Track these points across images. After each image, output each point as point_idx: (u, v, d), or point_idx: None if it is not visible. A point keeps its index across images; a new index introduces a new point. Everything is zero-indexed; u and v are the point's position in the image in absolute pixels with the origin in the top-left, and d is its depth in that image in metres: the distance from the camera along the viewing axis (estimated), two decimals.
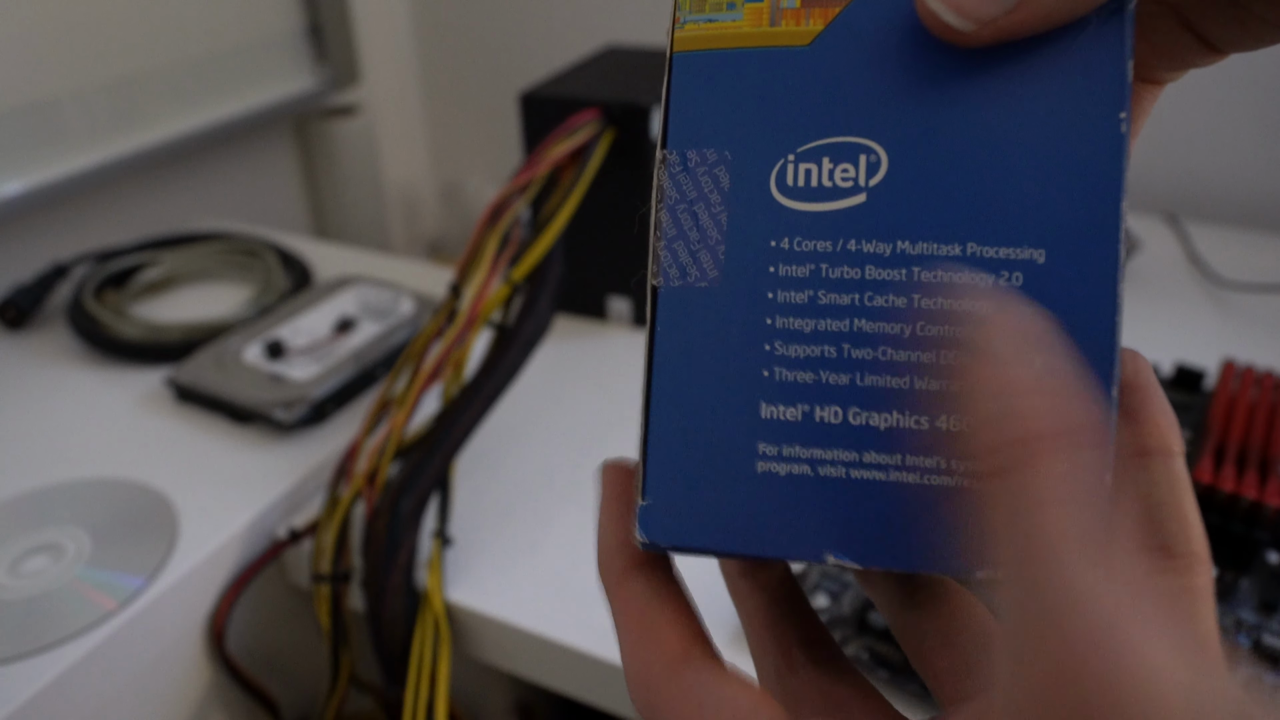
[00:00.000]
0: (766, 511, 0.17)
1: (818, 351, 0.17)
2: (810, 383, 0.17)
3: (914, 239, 0.17)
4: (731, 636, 0.36)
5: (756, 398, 0.17)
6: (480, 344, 0.42)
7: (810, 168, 0.18)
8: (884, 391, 0.17)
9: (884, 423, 0.17)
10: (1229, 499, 0.37)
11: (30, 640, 0.35)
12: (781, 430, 0.17)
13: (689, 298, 0.18)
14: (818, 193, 0.17)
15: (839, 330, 0.17)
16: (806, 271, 0.17)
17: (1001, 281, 0.16)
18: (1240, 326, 0.58)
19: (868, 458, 0.17)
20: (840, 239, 0.17)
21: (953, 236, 0.17)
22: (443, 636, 0.37)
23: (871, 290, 0.17)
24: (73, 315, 0.56)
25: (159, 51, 0.69)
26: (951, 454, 0.17)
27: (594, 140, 0.45)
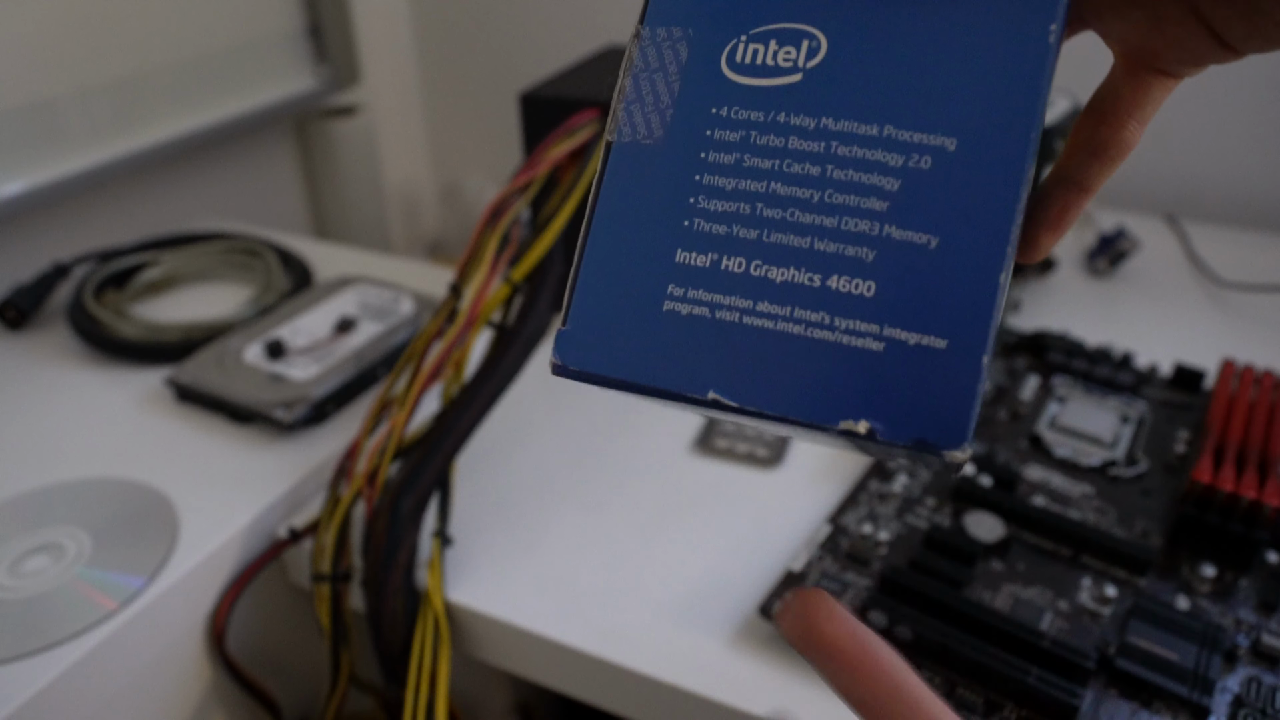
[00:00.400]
0: (666, 348, 0.19)
1: (734, 207, 0.19)
2: (722, 234, 0.19)
3: (836, 117, 0.19)
4: (737, 633, 0.36)
5: (675, 245, 0.19)
6: (480, 344, 0.42)
7: (758, 47, 0.19)
8: (785, 249, 0.18)
9: (780, 276, 0.18)
10: (1228, 499, 0.37)
11: (31, 640, 0.36)
12: (690, 275, 0.19)
13: (636, 153, 0.20)
14: (760, 69, 0.19)
15: (756, 190, 0.19)
16: (737, 137, 0.19)
17: (910, 162, 0.18)
18: (1239, 326, 0.58)
19: (760, 306, 0.18)
20: (772, 111, 0.19)
21: (873, 118, 0.18)
22: (443, 636, 0.37)
23: (791, 159, 0.19)
24: (73, 315, 0.56)
25: (159, 51, 0.69)
26: (836, 311, 0.18)
27: (594, 140, 0.45)
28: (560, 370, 0.19)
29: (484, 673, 0.49)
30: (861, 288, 0.18)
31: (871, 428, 0.17)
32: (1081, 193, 0.22)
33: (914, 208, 0.18)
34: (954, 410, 0.17)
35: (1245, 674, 0.33)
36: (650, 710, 0.36)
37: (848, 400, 0.18)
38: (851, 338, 0.18)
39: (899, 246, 0.18)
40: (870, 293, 0.18)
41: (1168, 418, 0.47)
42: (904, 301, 0.18)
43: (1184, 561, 0.38)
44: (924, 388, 0.17)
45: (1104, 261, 0.64)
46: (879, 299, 0.18)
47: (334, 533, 0.39)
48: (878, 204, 0.18)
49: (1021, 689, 0.31)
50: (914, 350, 0.17)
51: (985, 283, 0.17)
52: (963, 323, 0.17)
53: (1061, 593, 0.37)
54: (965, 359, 0.17)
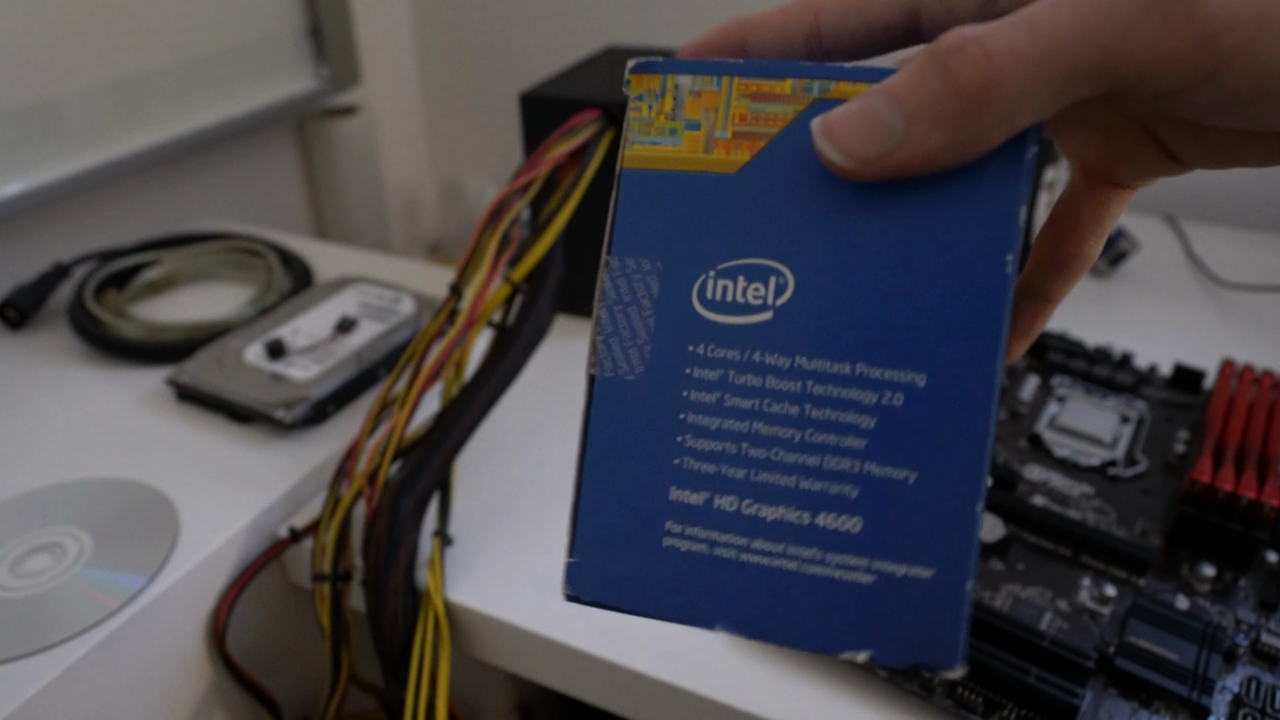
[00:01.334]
0: (669, 582, 0.20)
1: (720, 447, 0.20)
2: (711, 473, 0.20)
3: (810, 355, 0.19)
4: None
5: (668, 482, 0.20)
6: (480, 344, 0.42)
7: (727, 284, 0.20)
8: (773, 488, 0.19)
9: (770, 515, 0.19)
10: (1228, 499, 0.37)
11: (31, 640, 0.36)
12: (686, 512, 0.20)
13: (619, 388, 0.21)
14: (731, 307, 0.20)
15: (739, 430, 0.19)
16: (716, 376, 0.20)
17: (883, 399, 0.19)
18: (1239, 326, 0.58)
19: (755, 544, 0.19)
20: (747, 350, 0.19)
21: (844, 355, 0.19)
22: (443, 636, 0.37)
23: (769, 398, 0.19)
24: (74, 315, 0.56)
25: (160, 52, 0.69)
26: (827, 548, 0.19)
27: (594, 140, 0.45)
28: (573, 600, 0.20)
29: (484, 672, 0.49)
30: (848, 524, 0.19)
31: (870, 656, 0.19)
32: (1046, 303, 0.22)
33: (891, 445, 0.19)
34: (944, 635, 0.18)
35: (1245, 674, 0.33)
36: (650, 710, 0.36)
37: (845, 631, 0.19)
38: (844, 572, 0.19)
39: (880, 483, 0.19)
40: (857, 529, 0.19)
41: (1167, 417, 0.47)
42: (889, 535, 0.19)
43: (1183, 561, 0.38)
44: (914, 616, 0.18)
45: (1103, 262, 0.64)
46: (865, 534, 0.19)
47: (334, 532, 0.39)
48: (856, 442, 0.19)
49: (1021, 689, 0.31)
50: (902, 581, 0.19)
51: (964, 513, 0.18)
52: (945, 552, 0.18)
53: (1061, 592, 0.37)
54: (950, 587, 0.18)
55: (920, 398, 0.19)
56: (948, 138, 0.17)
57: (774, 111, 0.20)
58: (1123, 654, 0.33)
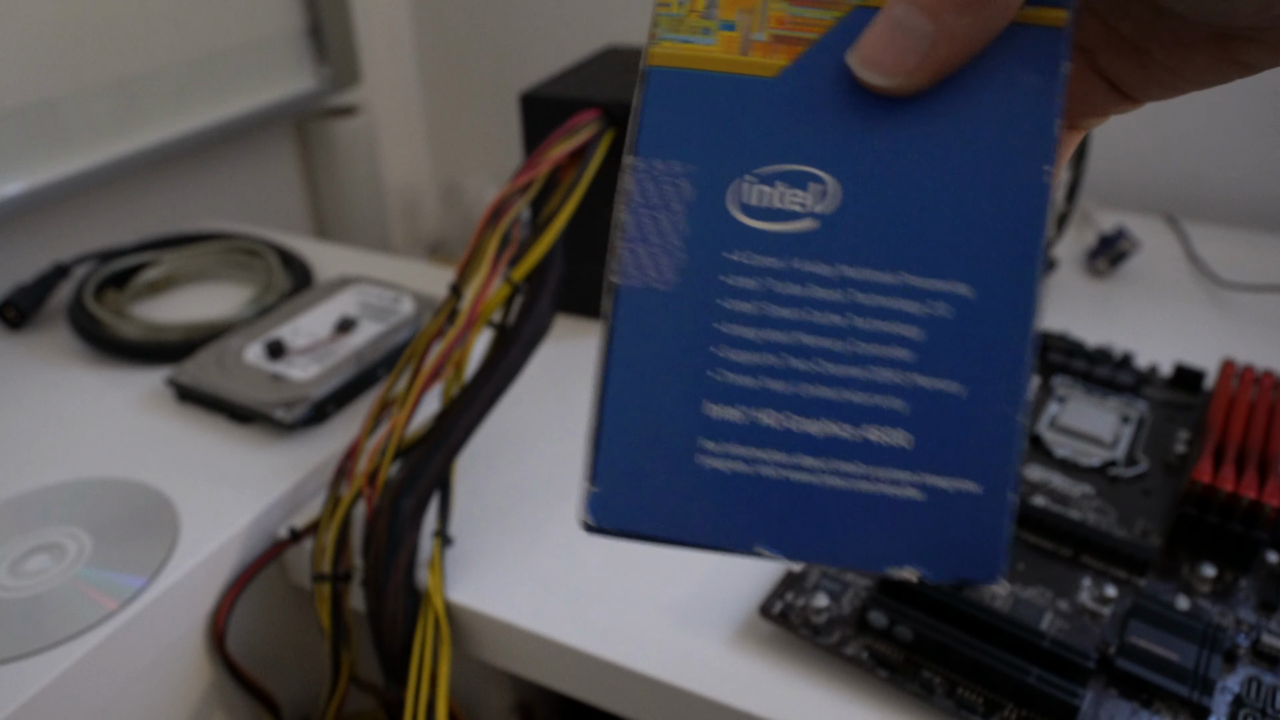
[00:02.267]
0: (705, 504, 0.19)
1: (761, 360, 0.19)
2: (752, 387, 0.19)
3: (854, 264, 0.19)
4: (737, 633, 0.36)
5: (702, 397, 0.19)
6: (481, 344, 0.42)
7: (766, 190, 0.19)
8: (819, 401, 0.18)
9: (817, 430, 0.18)
10: (1228, 499, 0.37)
11: (31, 640, 0.36)
12: (723, 429, 0.19)
13: (647, 298, 0.19)
14: (771, 214, 0.19)
15: (782, 341, 0.19)
16: (755, 285, 0.19)
17: (931, 310, 0.18)
18: (1240, 326, 0.58)
19: (801, 460, 0.18)
20: (789, 258, 0.19)
21: (890, 265, 0.18)
22: (443, 636, 0.37)
23: (814, 308, 0.19)
24: (73, 315, 0.56)
25: (160, 52, 0.69)
26: (876, 462, 0.18)
27: (594, 140, 0.45)
28: (593, 530, 0.20)
29: (484, 672, 0.49)
30: (898, 438, 0.18)
31: (919, 573, 0.18)
32: None
33: (939, 357, 0.18)
34: (988, 548, 0.18)
35: (1245, 674, 0.33)
36: (650, 710, 0.36)
37: (893, 548, 0.18)
38: (893, 488, 0.18)
39: (930, 397, 0.18)
40: (909, 444, 0.18)
41: (1168, 418, 0.47)
42: (938, 450, 0.18)
43: (1184, 561, 0.38)
44: (961, 530, 0.18)
45: (1104, 262, 0.64)
46: (916, 449, 0.18)
47: (334, 533, 0.39)
48: (904, 354, 0.18)
49: (1021, 689, 0.31)
50: (952, 496, 0.18)
51: (1009, 426, 0.18)
52: (992, 465, 0.18)
53: (1061, 593, 0.37)
54: (996, 500, 0.18)
55: (967, 309, 0.18)
56: (975, 15, 0.17)
57: (813, 17, 0.19)
58: (1123, 654, 0.33)
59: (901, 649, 0.34)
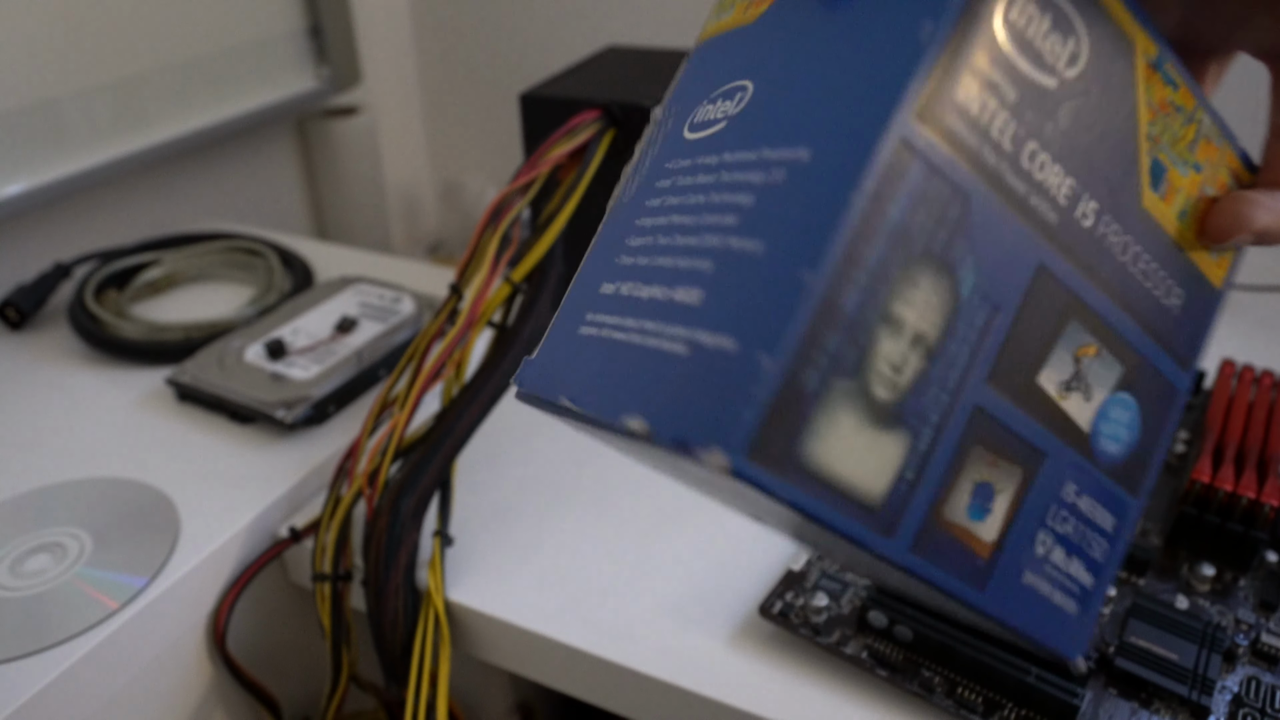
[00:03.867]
0: (567, 366, 0.20)
1: (645, 241, 0.20)
2: (629, 265, 0.20)
3: (732, 150, 0.19)
4: (737, 633, 0.36)
5: (603, 279, 0.21)
6: (481, 344, 0.42)
7: (709, 107, 0.21)
8: (660, 269, 0.19)
9: (647, 294, 0.19)
10: (1227, 498, 0.37)
11: (31, 640, 0.36)
12: (601, 302, 0.20)
13: (615, 210, 0.22)
14: (703, 125, 0.21)
15: (661, 224, 0.20)
16: (669, 183, 0.20)
17: (768, 178, 0.17)
18: (1238, 326, 0.58)
19: (629, 322, 0.19)
20: (694, 155, 0.20)
21: (756, 144, 0.18)
22: (443, 635, 0.37)
23: (691, 193, 0.19)
24: (74, 315, 0.56)
25: (160, 52, 0.69)
26: (667, 320, 0.18)
27: (595, 141, 0.45)
28: (521, 396, 0.22)
29: (485, 672, 0.49)
30: (691, 296, 0.17)
31: (645, 425, 0.16)
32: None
33: (757, 220, 0.17)
34: (720, 412, 0.15)
35: (1245, 674, 0.33)
36: (650, 709, 0.36)
37: (634, 399, 0.17)
38: (666, 342, 0.17)
39: (733, 256, 0.17)
40: (697, 301, 0.17)
41: None
42: (718, 306, 0.17)
43: (1183, 561, 0.38)
44: (702, 388, 0.16)
45: None
46: (702, 307, 0.17)
47: (335, 532, 0.39)
48: (730, 219, 0.17)
49: (1021, 688, 0.32)
50: (709, 353, 0.16)
51: (792, 284, 0.16)
52: (758, 324, 0.16)
53: None
54: (747, 360, 0.15)
55: (798, 173, 0.17)
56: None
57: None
58: (1122, 654, 0.33)
59: (901, 648, 0.34)
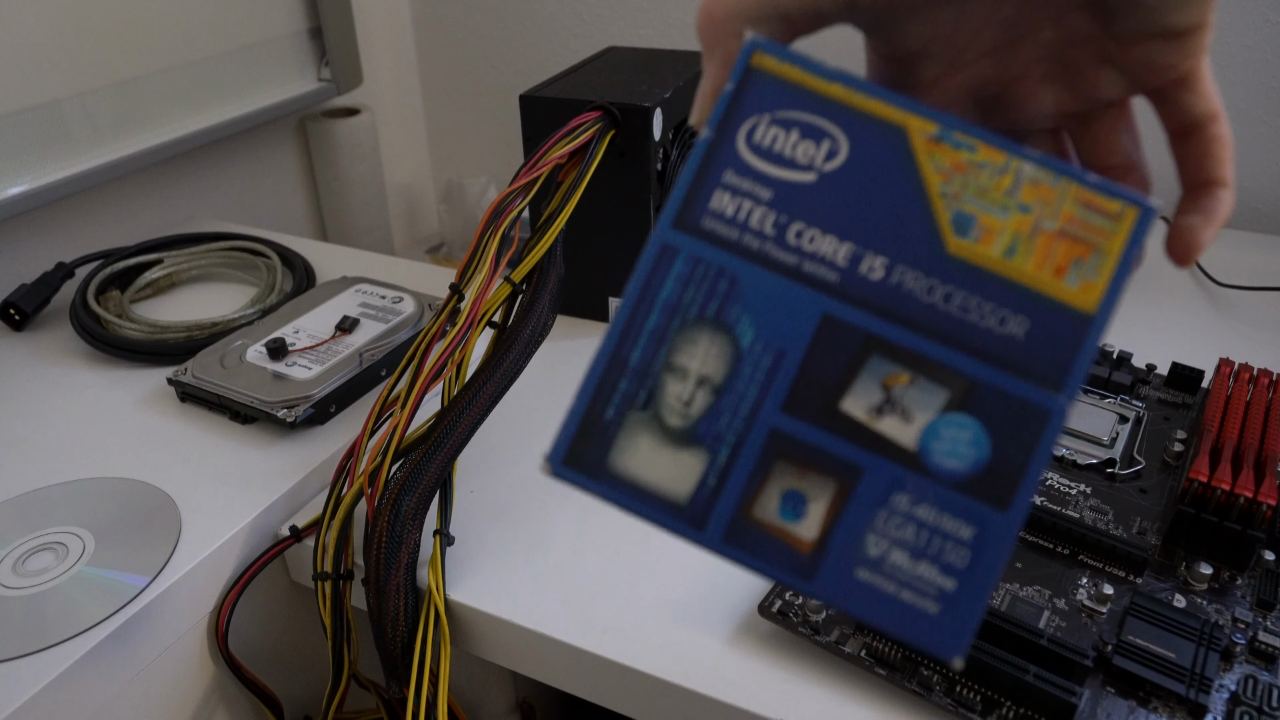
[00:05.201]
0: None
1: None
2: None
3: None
4: (737, 632, 0.36)
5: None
6: (481, 344, 0.43)
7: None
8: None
9: None
10: (1225, 498, 0.37)
11: (34, 638, 0.36)
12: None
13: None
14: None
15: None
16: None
17: None
18: (1236, 326, 0.59)
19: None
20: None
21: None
22: (444, 634, 0.37)
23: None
24: (76, 315, 0.56)
25: (163, 53, 0.69)
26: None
27: (595, 141, 0.45)
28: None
29: (485, 670, 0.50)
30: None
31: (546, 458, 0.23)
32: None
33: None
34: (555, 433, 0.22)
35: (1242, 672, 0.33)
36: (650, 707, 0.36)
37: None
38: None
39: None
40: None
41: (1165, 417, 0.47)
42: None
43: (1181, 560, 0.38)
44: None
45: None
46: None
47: (336, 532, 0.40)
48: None
49: (1020, 687, 0.32)
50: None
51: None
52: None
53: (1059, 591, 0.37)
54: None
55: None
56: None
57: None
58: (1121, 652, 0.33)
59: (900, 647, 0.34)
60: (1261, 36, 0.70)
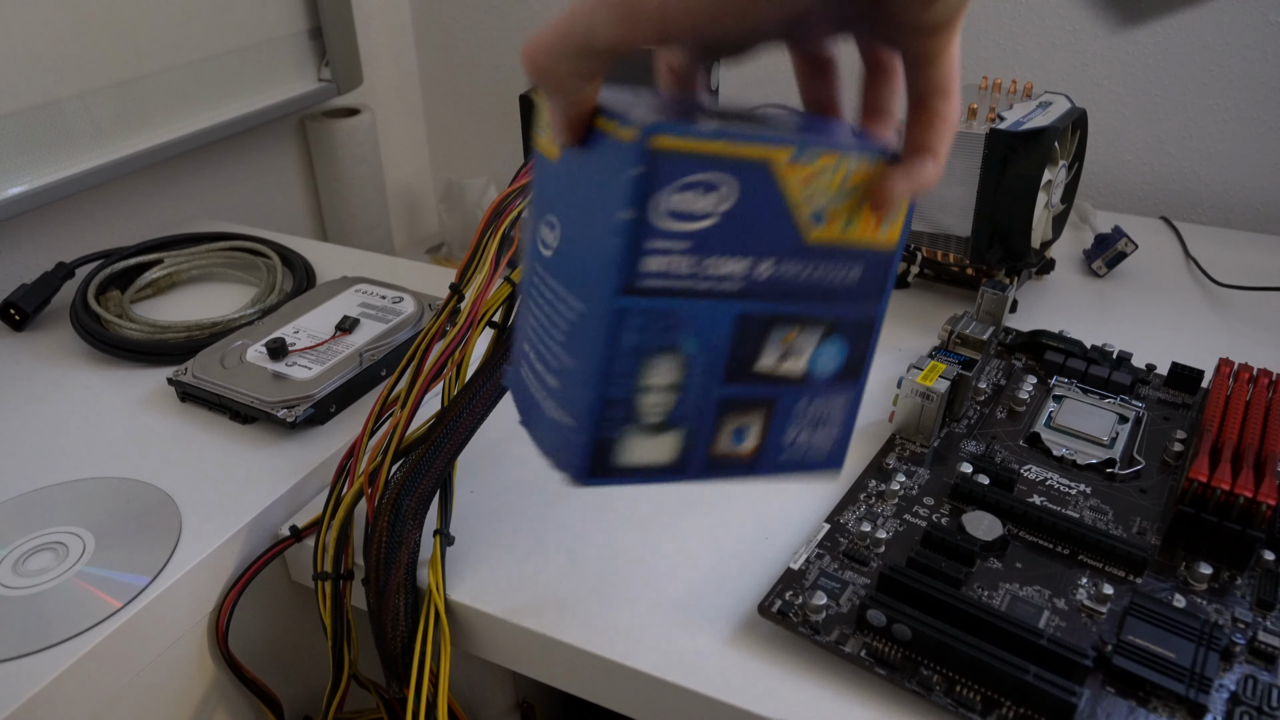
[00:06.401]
0: (532, 413, 0.30)
1: (534, 324, 0.29)
2: (533, 340, 0.30)
3: (557, 280, 0.27)
4: (736, 632, 0.36)
5: (524, 339, 0.30)
6: (481, 344, 0.43)
7: (546, 230, 0.28)
8: (543, 354, 0.29)
9: (540, 368, 0.29)
10: (1225, 497, 0.37)
11: (34, 638, 0.36)
12: (526, 358, 0.30)
13: (526, 278, 0.30)
14: (546, 245, 0.28)
15: (541, 319, 0.29)
16: (538, 284, 0.29)
17: (570, 313, 0.27)
18: (1236, 326, 0.59)
19: (543, 385, 0.29)
20: (544, 272, 0.28)
21: (566, 283, 0.27)
22: (444, 634, 0.37)
23: (545, 303, 0.28)
24: (76, 315, 0.56)
25: (163, 54, 0.69)
26: (554, 398, 0.28)
27: None
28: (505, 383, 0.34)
29: (485, 670, 0.50)
30: (554, 381, 0.28)
31: (552, 463, 0.29)
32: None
33: (571, 343, 0.27)
34: (571, 458, 0.28)
35: (1242, 672, 0.33)
36: (650, 707, 0.36)
37: (547, 446, 0.29)
38: (550, 408, 0.29)
39: (566, 363, 0.27)
40: (556, 385, 0.28)
41: (1164, 417, 0.47)
42: (562, 395, 0.28)
43: (1181, 560, 0.38)
44: (564, 445, 0.28)
45: (1101, 263, 0.65)
46: (560, 390, 0.28)
47: (336, 531, 0.40)
48: (561, 336, 0.27)
49: (1019, 687, 0.32)
50: (563, 427, 0.28)
51: (585, 395, 0.27)
52: (576, 414, 0.27)
53: (1059, 591, 0.37)
54: (576, 432, 0.27)
55: (580, 320, 0.26)
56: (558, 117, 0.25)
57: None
58: (1120, 652, 0.33)
59: (900, 647, 0.34)
60: (1261, 36, 0.70)
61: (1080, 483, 0.43)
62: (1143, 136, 0.77)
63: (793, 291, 0.27)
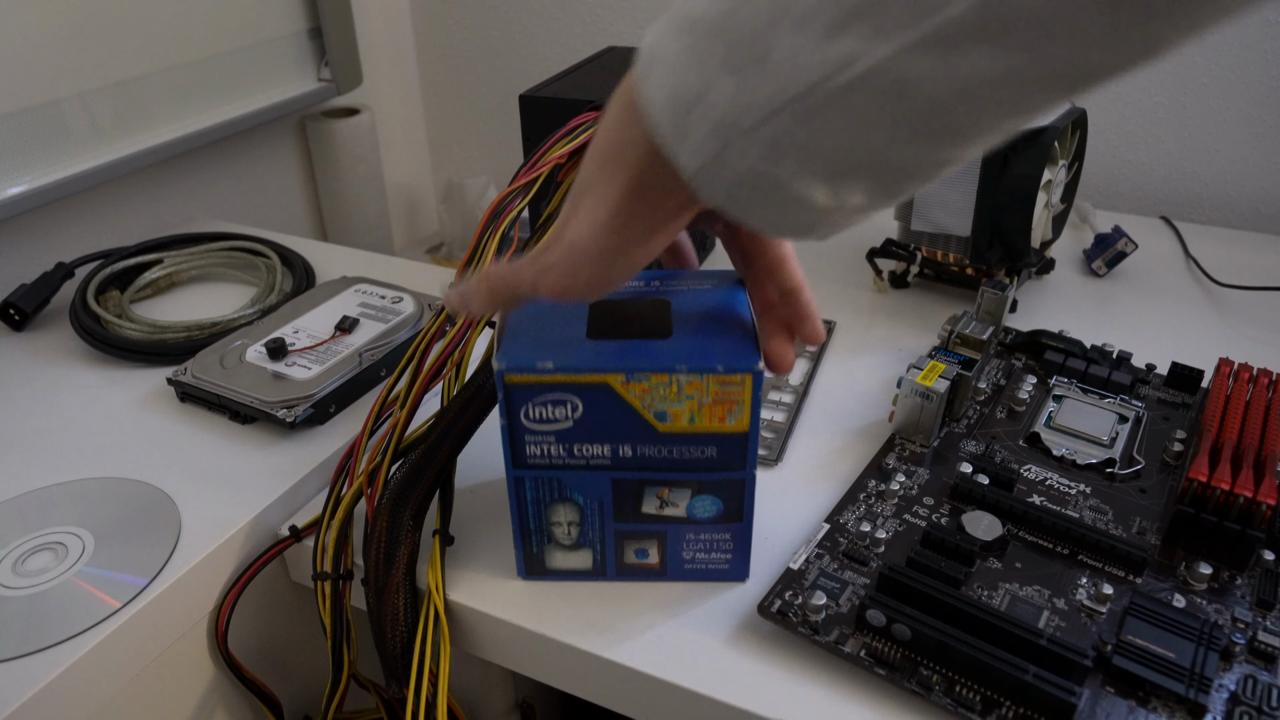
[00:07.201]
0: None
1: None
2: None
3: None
4: (736, 632, 0.36)
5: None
6: (481, 344, 0.43)
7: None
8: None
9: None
10: (1225, 497, 0.37)
11: (33, 639, 0.36)
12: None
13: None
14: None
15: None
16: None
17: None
18: (1235, 326, 0.59)
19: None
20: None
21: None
22: (444, 634, 0.37)
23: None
24: (76, 315, 0.56)
25: (163, 54, 0.69)
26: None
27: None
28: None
29: (485, 670, 0.50)
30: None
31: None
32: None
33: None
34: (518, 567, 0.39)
35: (1242, 672, 0.33)
36: (650, 707, 0.36)
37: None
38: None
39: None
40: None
41: (1164, 417, 0.47)
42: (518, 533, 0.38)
43: (1181, 560, 0.38)
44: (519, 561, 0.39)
45: (1101, 263, 0.65)
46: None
47: (335, 531, 0.40)
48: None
49: (1019, 687, 0.32)
50: (516, 548, 0.39)
51: (517, 538, 0.38)
52: (517, 550, 0.38)
53: (1059, 591, 0.37)
54: (519, 553, 0.38)
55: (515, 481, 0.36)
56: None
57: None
58: (1120, 652, 0.33)
59: (900, 647, 0.34)
60: (1262, 36, 0.70)
61: (1080, 482, 0.43)
62: (1143, 136, 0.77)
63: (655, 465, 0.35)
